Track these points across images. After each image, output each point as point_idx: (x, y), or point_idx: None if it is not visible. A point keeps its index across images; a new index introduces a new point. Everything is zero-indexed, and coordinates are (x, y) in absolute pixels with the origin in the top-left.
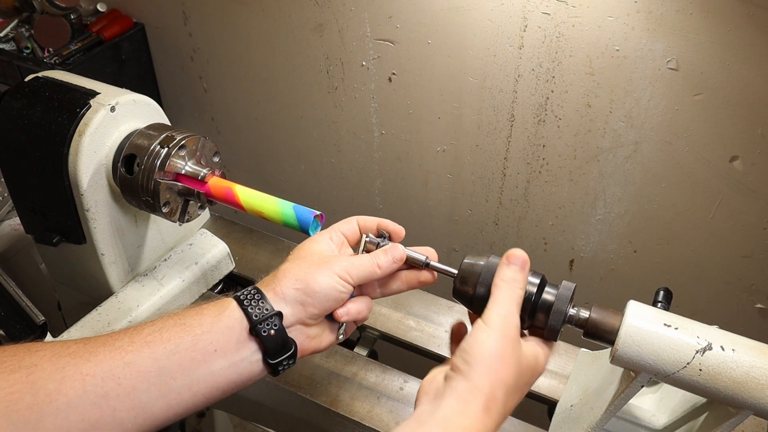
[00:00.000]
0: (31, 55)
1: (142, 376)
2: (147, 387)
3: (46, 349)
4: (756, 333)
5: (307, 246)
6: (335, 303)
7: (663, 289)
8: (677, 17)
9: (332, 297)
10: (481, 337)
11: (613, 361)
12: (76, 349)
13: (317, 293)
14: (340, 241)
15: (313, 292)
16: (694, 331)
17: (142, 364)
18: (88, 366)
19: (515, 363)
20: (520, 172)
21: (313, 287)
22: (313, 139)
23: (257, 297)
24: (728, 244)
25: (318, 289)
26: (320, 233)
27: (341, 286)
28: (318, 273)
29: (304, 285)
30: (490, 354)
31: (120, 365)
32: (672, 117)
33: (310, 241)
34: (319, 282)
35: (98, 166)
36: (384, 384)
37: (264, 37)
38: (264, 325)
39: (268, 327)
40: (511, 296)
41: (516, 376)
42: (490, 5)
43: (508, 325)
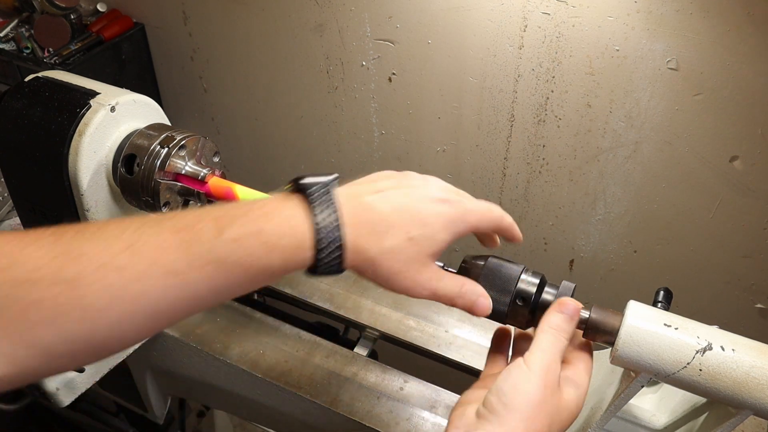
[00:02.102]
0: (31, 55)
1: (200, 299)
2: (207, 304)
3: (88, 255)
4: (756, 333)
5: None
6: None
7: (663, 289)
8: (677, 17)
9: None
10: (521, 382)
11: (613, 361)
12: (123, 262)
13: (381, 284)
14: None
15: (377, 280)
16: (694, 331)
17: (200, 293)
18: (139, 287)
19: (552, 413)
20: (520, 172)
21: (381, 280)
22: (313, 139)
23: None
24: (728, 244)
25: (386, 286)
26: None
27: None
28: (404, 277)
29: (380, 278)
30: (529, 402)
31: (176, 291)
32: (672, 117)
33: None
34: (394, 285)
35: (98, 166)
36: (384, 384)
37: (264, 37)
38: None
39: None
40: (556, 345)
41: (551, 425)
42: (490, 5)
43: (549, 375)
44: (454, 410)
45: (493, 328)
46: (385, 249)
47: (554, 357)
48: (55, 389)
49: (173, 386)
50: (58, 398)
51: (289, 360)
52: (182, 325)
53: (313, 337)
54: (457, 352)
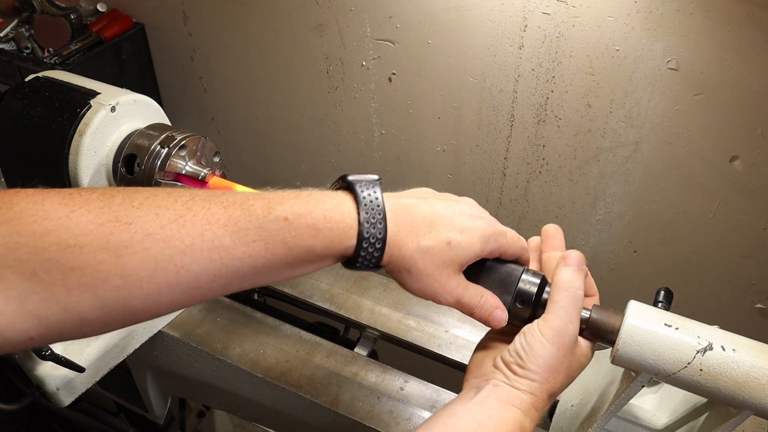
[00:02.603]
0: (31, 55)
1: (239, 276)
2: (242, 284)
3: (136, 224)
4: (756, 333)
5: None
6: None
7: (663, 289)
8: (677, 17)
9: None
10: (537, 349)
11: (614, 361)
12: (171, 233)
13: (410, 285)
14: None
15: (408, 280)
16: (694, 331)
17: (241, 270)
18: (183, 259)
19: (567, 369)
20: (520, 172)
21: (412, 281)
22: (313, 139)
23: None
24: (728, 244)
25: (415, 287)
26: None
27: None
28: (435, 281)
29: (408, 278)
30: (546, 363)
31: (218, 266)
32: (672, 117)
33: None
34: (424, 288)
35: (98, 166)
36: (384, 384)
37: (264, 37)
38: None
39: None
40: (571, 304)
41: (567, 378)
42: (490, 5)
43: (564, 338)
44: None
45: None
46: (423, 248)
47: (570, 317)
48: (55, 389)
49: (173, 386)
50: (58, 398)
51: (289, 360)
52: (182, 325)
53: (314, 337)
54: (457, 352)
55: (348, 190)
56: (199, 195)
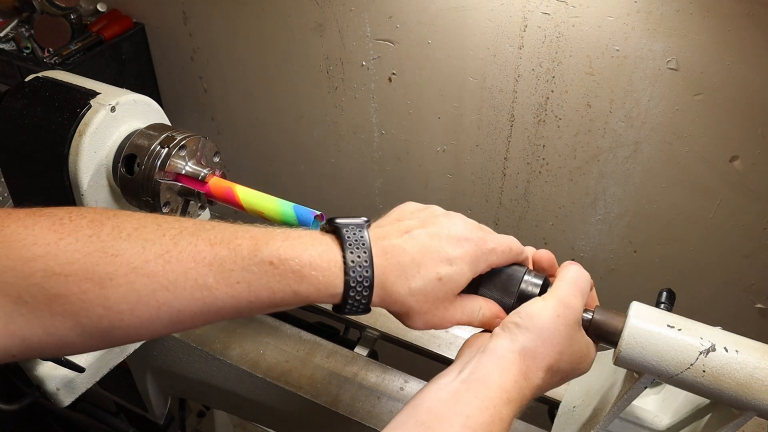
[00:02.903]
0: (31, 55)
1: (221, 315)
2: (225, 319)
3: (122, 256)
4: (756, 333)
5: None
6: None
7: (666, 290)
8: (677, 17)
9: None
10: (538, 306)
11: (617, 363)
12: (155, 269)
13: (407, 322)
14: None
15: (404, 319)
16: (697, 332)
17: (223, 309)
18: (166, 295)
19: (566, 341)
20: (520, 172)
21: (408, 319)
22: (313, 139)
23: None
24: (728, 244)
25: (413, 324)
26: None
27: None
28: (432, 316)
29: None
30: (544, 324)
31: (200, 305)
32: (672, 117)
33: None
34: (421, 324)
35: (98, 166)
36: (384, 384)
37: (264, 37)
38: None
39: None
40: (576, 281)
41: (563, 354)
42: (490, 5)
43: (566, 309)
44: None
45: None
46: (414, 290)
47: (573, 292)
48: (55, 389)
49: (173, 386)
50: (58, 398)
51: (289, 360)
52: None
53: (314, 337)
54: (457, 352)
55: (335, 235)
56: (188, 229)
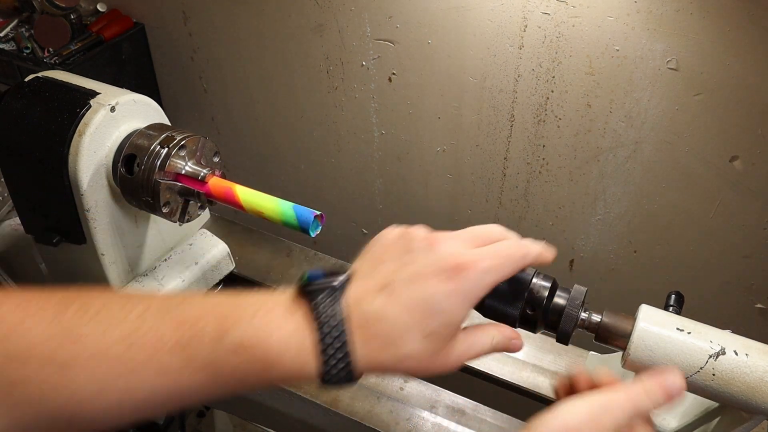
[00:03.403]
0: (31, 55)
1: (192, 400)
2: (198, 403)
3: (83, 341)
4: (756, 333)
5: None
6: None
7: (674, 293)
8: (677, 17)
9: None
10: (565, 406)
11: (626, 366)
12: (117, 353)
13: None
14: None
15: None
16: (707, 335)
17: (192, 395)
18: (129, 382)
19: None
20: (520, 172)
21: (407, 377)
22: (313, 139)
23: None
24: (728, 244)
25: (415, 377)
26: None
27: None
28: (433, 367)
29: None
30: (564, 425)
31: (165, 391)
32: (672, 117)
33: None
34: (423, 376)
35: (98, 166)
36: (384, 384)
37: (264, 37)
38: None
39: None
40: (631, 397)
41: None
42: (490, 5)
43: (604, 414)
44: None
45: None
46: (403, 356)
47: (623, 405)
48: None
49: None
50: None
51: None
52: None
53: None
54: None
55: (308, 305)
56: (154, 306)
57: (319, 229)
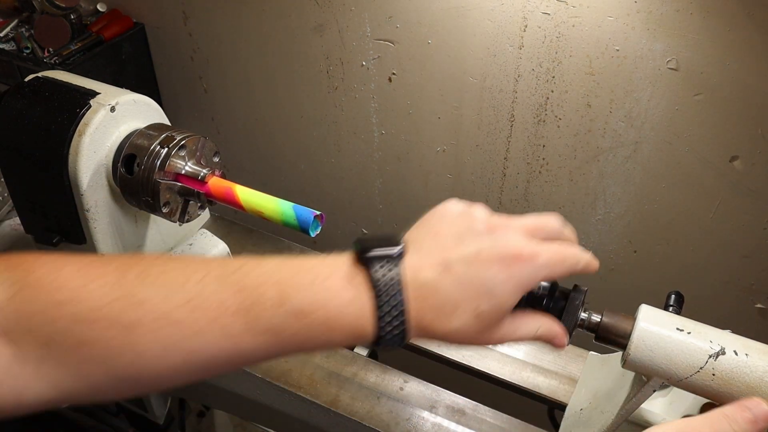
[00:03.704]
0: (31, 55)
1: (252, 360)
2: (253, 364)
3: (148, 304)
4: (756, 333)
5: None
6: None
7: (674, 293)
8: (677, 17)
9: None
10: (655, 428)
11: (626, 366)
12: (181, 317)
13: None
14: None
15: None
16: (707, 335)
17: (253, 356)
18: (193, 343)
19: None
20: (520, 172)
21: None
22: (313, 139)
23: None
24: (728, 244)
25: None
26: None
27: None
28: (477, 342)
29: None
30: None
31: (228, 353)
32: (672, 117)
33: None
34: (467, 349)
35: (98, 166)
36: (384, 384)
37: (264, 37)
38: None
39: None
40: (716, 426)
41: None
42: (490, 5)
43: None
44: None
45: None
46: (452, 330)
47: (700, 428)
48: None
49: None
50: None
51: (289, 360)
52: None
53: None
54: (457, 352)
55: (366, 272)
56: (213, 273)
57: (319, 229)
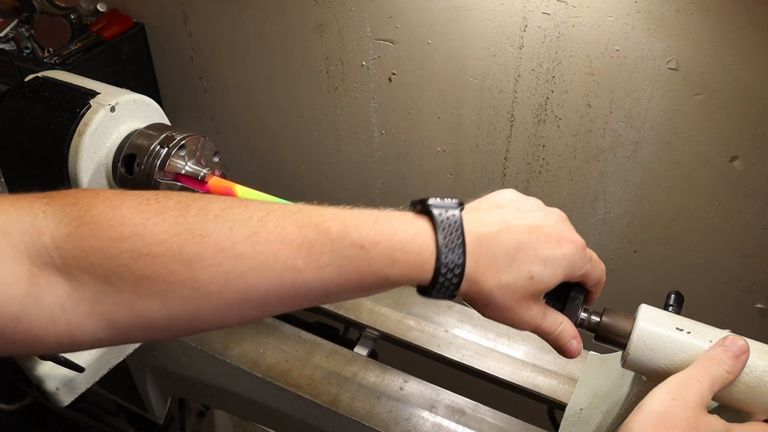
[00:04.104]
0: (31, 55)
1: (309, 299)
2: (312, 303)
3: (210, 237)
4: (756, 333)
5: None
6: None
7: (674, 293)
8: (677, 17)
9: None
10: (648, 397)
11: (625, 365)
12: (243, 250)
13: (487, 314)
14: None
15: (485, 311)
16: (706, 335)
17: (311, 292)
18: (254, 277)
19: (685, 428)
20: (520, 172)
21: (489, 312)
22: (313, 139)
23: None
24: (728, 244)
25: (492, 316)
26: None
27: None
28: (514, 312)
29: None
30: (650, 412)
31: (288, 287)
32: (672, 117)
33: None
34: (501, 318)
35: (98, 166)
36: (384, 384)
37: (264, 37)
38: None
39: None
40: (704, 369)
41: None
42: (490, 5)
43: (683, 390)
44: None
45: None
46: (503, 284)
47: (696, 376)
48: (55, 389)
49: (173, 386)
50: (58, 398)
51: (289, 360)
52: None
53: (313, 337)
54: (457, 352)
55: (427, 216)
56: (276, 211)
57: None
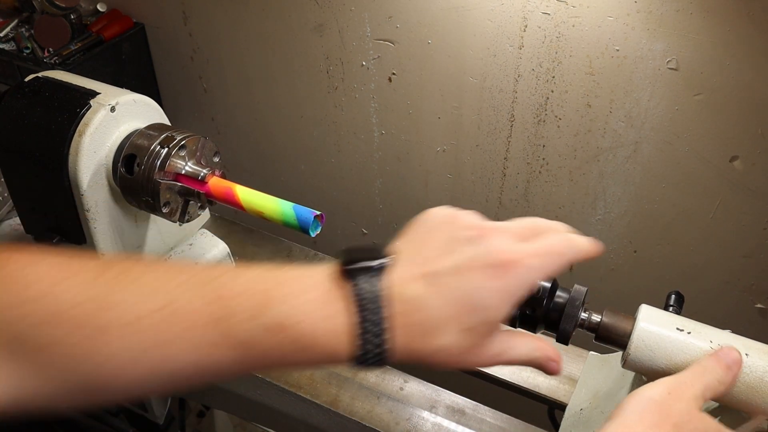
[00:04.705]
0: (31, 55)
1: (224, 375)
2: (224, 379)
3: (117, 309)
4: (756, 333)
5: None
6: None
7: (674, 293)
8: (677, 17)
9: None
10: (642, 388)
11: (626, 366)
12: (154, 322)
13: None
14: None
15: (434, 369)
16: (707, 335)
17: (226, 370)
18: (162, 353)
19: (677, 422)
20: (520, 172)
21: (438, 370)
22: (313, 139)
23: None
24: (728, 244)
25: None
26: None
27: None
28: (464, 361)
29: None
30: (643, 401)
31: (199, 365)
32: (672, 117)
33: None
34: (455, 369)
35: (98, 166)
36: (384, 384)
37: (264, 37)
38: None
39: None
40: (699, 374)
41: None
42: (490, 5)
43: (679, 387)
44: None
45: None
46: (438, 348)
47: (691, 379)
48: None
49: None
50: None
51: None
52: None
53: None
54: None
55: (348, 288)
56: (192, 280)
57: (319, 229)
